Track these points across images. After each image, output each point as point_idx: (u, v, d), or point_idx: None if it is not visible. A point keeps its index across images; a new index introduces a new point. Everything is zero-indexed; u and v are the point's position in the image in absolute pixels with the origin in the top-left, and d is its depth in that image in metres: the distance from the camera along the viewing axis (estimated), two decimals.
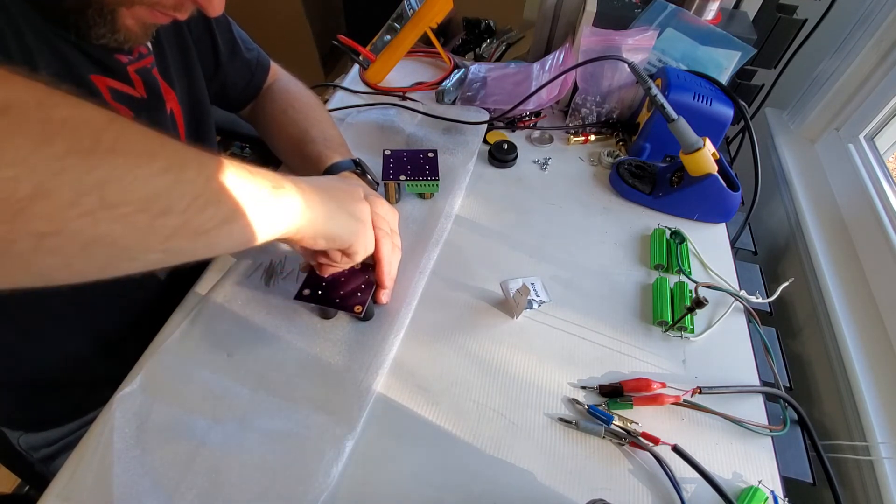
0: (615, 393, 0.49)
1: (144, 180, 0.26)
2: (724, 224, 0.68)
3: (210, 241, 0.31)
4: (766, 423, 0.49)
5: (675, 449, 0.44)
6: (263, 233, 0.35)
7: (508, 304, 0.56)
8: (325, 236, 0.42)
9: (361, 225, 0.46)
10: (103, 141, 0.24)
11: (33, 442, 0.59)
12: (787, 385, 0.53)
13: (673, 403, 0.48)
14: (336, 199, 0.43)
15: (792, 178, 0.83)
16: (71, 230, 0.23)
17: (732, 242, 0.67)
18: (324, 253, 0.46)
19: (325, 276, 0.50)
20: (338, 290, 0.50)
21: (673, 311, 0.55)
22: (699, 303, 0.50)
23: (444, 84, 0.81)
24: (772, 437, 0.48)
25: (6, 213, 0.21)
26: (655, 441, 0.45)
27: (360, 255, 0.47)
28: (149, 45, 0.50)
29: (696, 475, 0.43)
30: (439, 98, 0.80)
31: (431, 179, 0.62)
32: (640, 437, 0.45)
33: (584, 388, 0.50)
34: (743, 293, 0.58)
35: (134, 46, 0.44)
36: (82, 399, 0.61)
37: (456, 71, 0.84)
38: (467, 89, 0.81)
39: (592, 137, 0.78)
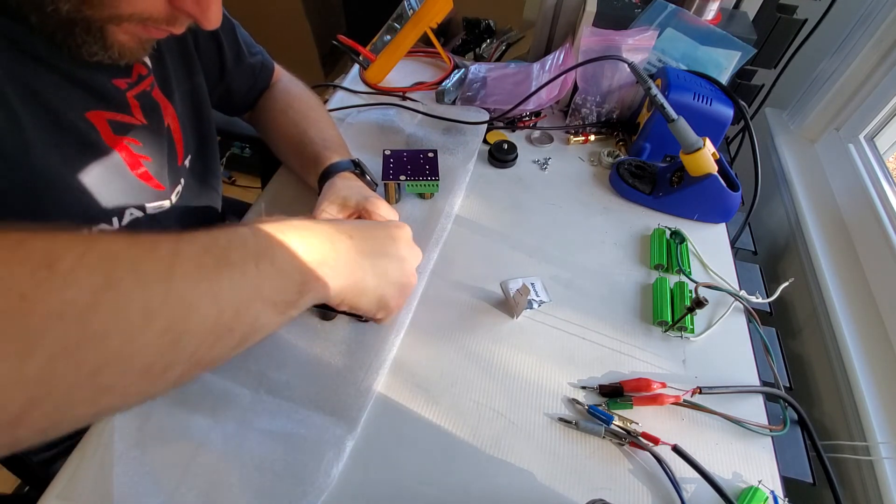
0: (615, 393, 0.49)
1: (142, 351, 0.24)
2: (724, 224, 0.68)
3: (226, 360, 0.30)
4: (766, 423, 0.49)
5: (675, 449, 0.44)
6: (283, 326, 0.34)
7: (508, 304, 0.56)
8: (353, 307, 0.41)
9: (397, 299, 0.44)
10: (94, 323, 0.23)
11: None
12: (787, 385, 0.53)
13: (673, 403, 0.48)
14: (374, 270, 0.41)
15: (792, 178, 0.83)
16: (71, 418, 0.23)
17: (732, 242, 0.67)
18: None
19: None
20: None
21: (673, 311, 0.55)
22: (699, 303, 0.50)
23: (444, 84, 0.81)
24: (772, 437, 0.48)
25: (5, 430, 0.21)
26: (655, 441, 0.45)
27: (385, 321, 0.45)
28: (148, 61, 0.49)
29: (696, 475, 0.43)
30: (439, 98, 0.80)
31: (431, 179, 0.62)
32: (640, 437, 0.45)
33: (584, 388, 0.50)
34: (743, 293, 0.58)
35: (131, 61, 0.42)
36: None
37: (456, 71, 0.84)
38: (467, 89, 0.81)
39: (592, 137, 0.78)
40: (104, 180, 0.45)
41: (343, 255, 0.38)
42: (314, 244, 0.36)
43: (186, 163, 0.56)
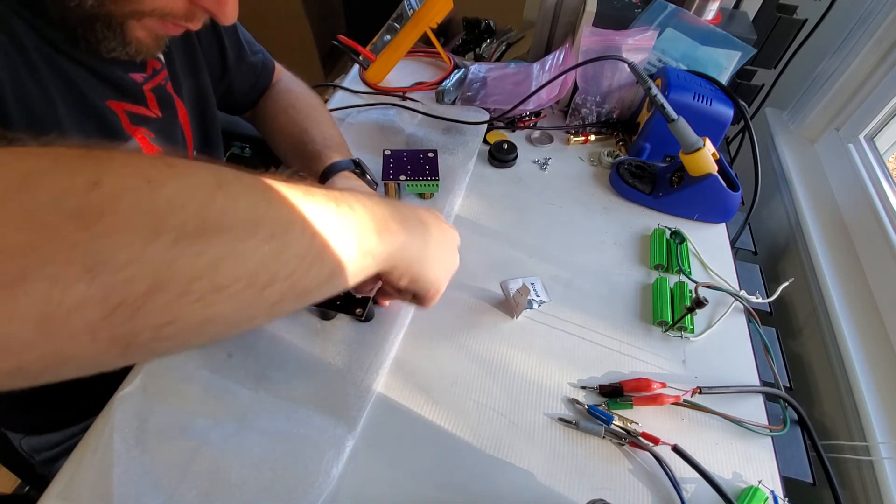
0: (615, 393, 0.49)
1: (251, 254, 0.25)
2: (724, 224, 0.68)
3: (315, 296, 0.30)
4: (766, 423, 0.49)
5: (675, 449, 0.44)
6: (362, 276, 0.34)
7: (508, 304, 0.56)
8: (413, 278, 0.40)
9: (447, 275, 0.43)
10: (210, 218, 0.24)
11: (35, 444, 0.59)
12: (787, 385, 0.53)
13: (673, 403, 0.48)
14: (440, 245, 0.41)
15: (792, 178, 0.83)
16: (185, 317, 0.23)
17: (732, 242, 0.67)
18: (395, 286, 0.42)
19: (382, 304, 0.51)
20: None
21: (673, 311, 0.55)
22: (699, 303, 0.50)
23: (444, 84, 0.81)
24: (772, 437, 0.48)
25: (126, 312, 0.21)
26: (655, 441, 0.45)
27: (432, 302, 0.44)
28: (161, 57, 0.49)
29: (696, 475, 0.43)
30: (439, 98, 0.80)
31: (431, 179, 0.62)
32: (640, 437, 0.45)
33: (584, 388, 0.50)
34: (743, 293, 0.58)
35: (146, 58, 0.43)
36: (84, 402, 0.61)
37: (456, 71, 0.84)
38: (467, 89, 0.81)
39: (592, 137, 0.78)
40: None
41: (408, 217, 0.38)
42: (379, 202, 0.36)
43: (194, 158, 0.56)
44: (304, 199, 0.29)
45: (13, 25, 0.36)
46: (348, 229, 0.32)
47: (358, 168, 0.58)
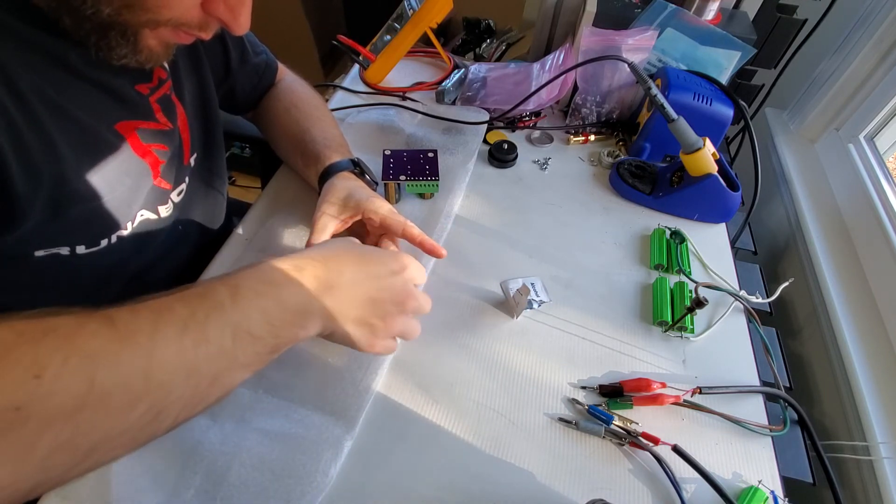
0: (615, 393, 0.49)
1: (128, 430, 0.28)
2: (724, 224, 0.68)
3: (206, 410, 0.32)
4: (766, 423, 0.49)
5: (675, 449, 0.44)
6: (270, 359, 0.36)
7: (508, 304, 0.56)
8: (342, 341, 0.41)
9: (397, 307, 0.42)
10: (83, 422, 0.26)
11: None
12: (787, 385, 0.53)
13: (673, 403, 0.48)
14: (370, 294, 0.40)
15: (792, 178, 0.83)
16: (70, 481, 0.27)
17: (732, 242, 0.67)
18: None
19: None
20: None
21: (673, 311, 0.55)
22: (699, 303, 0.50)
23: (444, 84, 0.81)
24: (772, 437, 0.48)
25: (16, 500, 0.25)
26: (655, 441, 0.45)
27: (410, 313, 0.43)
28: (166, 65, 0.49)
29: (696, 475, 0.43)
30: (439, 98, 0.80)
31: (431, 179, 0.62)
32: (640, 437, 0.45)
33: (584, 388, 0.50)
34: (743, 293, 0.58)
35: (155, 66, 0.43)
36: None
37: (456, 71, 0.84)
38: (467, 89, 0.81)
39: (592, 137, 0.78)
40: (130, 189, 0.46)
41: (330, 308, 0.38)
42: (297, 296, 0.37)
43: (192, 161, 0.56)
44: (194, 350, 0.30)
45: (6, 63, 0.34)
46: (243, 358, 0.33)
47: (357, 168, 0.58)
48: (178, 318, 0.30)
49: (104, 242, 0.45)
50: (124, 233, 0.47)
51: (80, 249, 0.44)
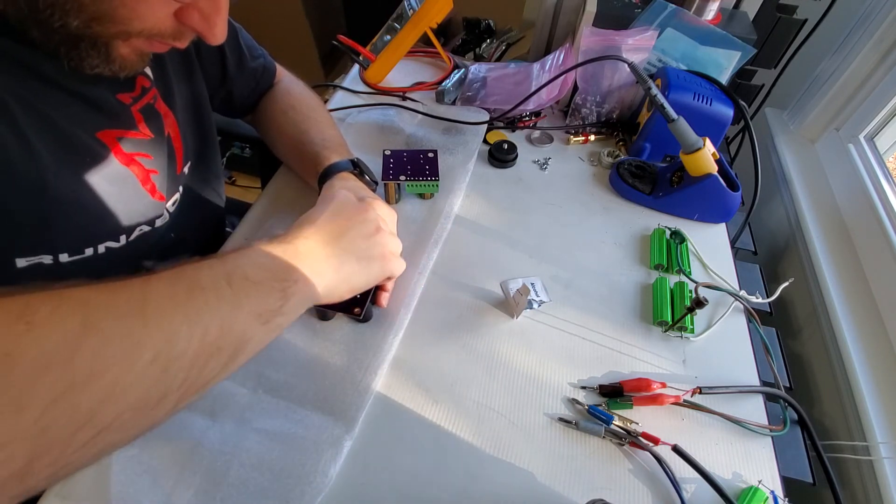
0: (615, 393, 0.49)
1: (134, 384, 0.25)
2: (724, 224, 0.68)
3: (220, 380, 0.31)
4: (766, 423, 0.49)
5: (675, 449, 0.44)
6: (277, 333, 0.35)
7: (508, 304, 0.56)
8: (349, 292, 0.43)
9: (380, 262, 0.45)
10: (80, 369, 0.24)
11: None
12: (787, 385, 0.53)
13: (673, 403, 0.48)
14: (348, 251, 0.43)
15: (792, 178, 0.83)
16: (76, 461, 0.24)
17: (732, 242, 0.67)
18: None
19: (381, 304, 0.52)
20: None
21: (673, 311, 0.55)
22: (699, 303, 0.50)
23: (444, 84, 0.81)
24: (772, 437, 0.48)
25: (14, 482, 0.22)
26: (655, 441, 0.45)
27: (393, 279, 0.47)
28: (149, 72, 0.48)
29: (696, 475, 0.43)
30: (439, 98, 0.80)
31: (431, 179, 0.62)
32: (640, 437, 0.45)
33: (584, 388, 0.50)
34: (743, 293, 0.58)
35: (131, 74, 0.42)
36: None
37: (456, 71, 0.84)
38: (467, 89, 0.81)
39: (592, 137, 0.78)
40: (118, 199, 0.45)
41: (313, 252, 0.39)
42: (280, 251, 0.37)
43: (186, 170, 0.56)
44: (189, 296, 0.29)
45: None
46: (247, 304, 0.32)
47: (357, 168, 0.58)
48: (167, 276, 0.30)
49: (89, 251, 0.44)
50: (115, 245, 0.46)
51: (64, 258, 0.43)
